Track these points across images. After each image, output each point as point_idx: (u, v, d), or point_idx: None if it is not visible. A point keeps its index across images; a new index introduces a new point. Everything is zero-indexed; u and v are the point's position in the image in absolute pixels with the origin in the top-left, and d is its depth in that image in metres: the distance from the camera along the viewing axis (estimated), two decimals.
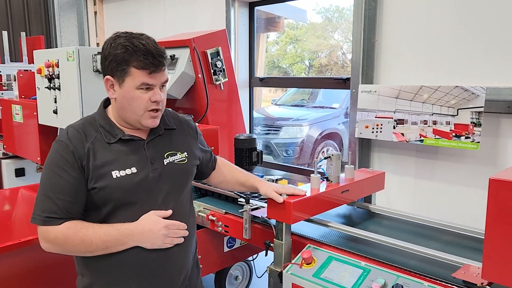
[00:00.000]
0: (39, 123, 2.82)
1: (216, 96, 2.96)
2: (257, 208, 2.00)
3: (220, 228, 2.15)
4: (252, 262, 2.93)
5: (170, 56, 2.81)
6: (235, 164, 2.27)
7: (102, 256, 1.37)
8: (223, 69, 2.95)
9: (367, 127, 2.95)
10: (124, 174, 1.37)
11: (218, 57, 2.91)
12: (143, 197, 1.40)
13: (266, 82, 3.83)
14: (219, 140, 2.59)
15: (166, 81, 1.40)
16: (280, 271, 1.67)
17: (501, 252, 1.14)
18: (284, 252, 1.71)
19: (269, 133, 5.95)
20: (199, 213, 2.24)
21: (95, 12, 5.24)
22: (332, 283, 1.54)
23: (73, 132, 1.37)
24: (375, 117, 2.91)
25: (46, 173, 1.36)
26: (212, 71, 2.87)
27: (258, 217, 1.96)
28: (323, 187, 1.82)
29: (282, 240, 1.71)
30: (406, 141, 2.77)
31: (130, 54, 1.30)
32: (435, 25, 2.66)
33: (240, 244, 2.55)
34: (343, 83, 3.26)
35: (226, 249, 2.48)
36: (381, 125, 2.88)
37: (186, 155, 1.53)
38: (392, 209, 2.05)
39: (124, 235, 1.34)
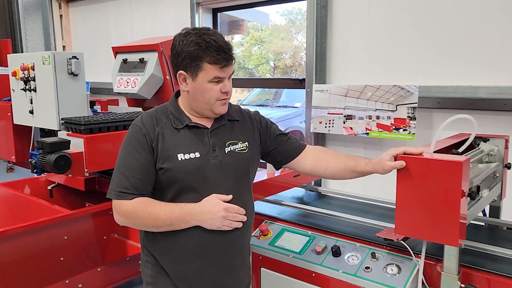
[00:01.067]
0: (14, 123, 3.00)
1: None
2: None
3: None
4: None
5: (140, 59, 3.07)
6: None
7: (166, 235, 1.48)
8: None
9: (320, 122, 3.32)
10: (188, 157, 1.48)
11: None
12: (205, 181, 1.49)
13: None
14: None
15: (233, 72, 1.52)
16: None
17: (408, 212, 1.50)
18: None
19: None
20: None
21: (61, 15, 5.38)
22: (284, 249, 1.89)
23: (147, 117, 1.53)
24: (328, 113, 3.29)
25: (121, 153, 1.51)
26: None
27: None
28: (278, 172, 2.16)
29: None
30: (355, 134, 3.17)
31: (203, 51, 1.42)
32: (376, 33, 3.08)
33: None
34: (299, 83, 3.62)
35: None
36: (333, 120, 3.26)
37: (247, 145, 1.60)
38: (336, 190, 2.42)
39: (187, 214, 1.44)
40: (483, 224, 2.02)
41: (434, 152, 1.56)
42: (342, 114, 3.22)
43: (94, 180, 2.86)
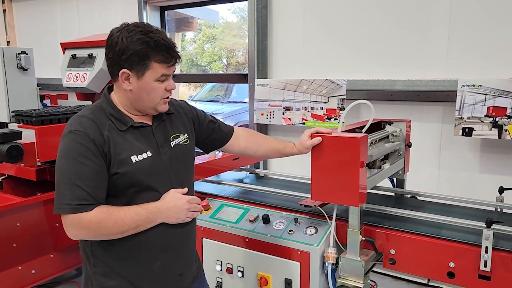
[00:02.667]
0: None
1: None
2: None
3: None
4: None
5: (88, 54, 3.26)
6: None
7: (125, 238, 1.45)
8: None
9: (262, 114, 3.67)
10: (142, 158, 1.47)
11: None
12: (161, 179, 1.52)
13: (178, 78, 4.39)
14: None
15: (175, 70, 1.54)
16: None
17: (321, 181, 1.84)
18: None
19: None
20: None
21: (4, 10, 5.39)
22: (222, 220, 2.21)
23: (87, 121, 1.45)
24: (268, 105, 3.64)
25: (67, 162, 1.40)
26: None
27: None
28: (218, 155, 2.47)
29: None
30: (293, 124, 3.54)
31: (152, 49, 1.41)
32: (310, 32, 3.48)
33: None
34: (243, 78, 3.94)
35: None
36: (273, 112, 3.62)
37: (187, 136, 1.65)
38: (271, 171, 2.76)
39: (152, 213, 1.45)
40: (392, 194, 2.44)
41: (343, 131, 1.93)
42: (281, 106, 3.59)
43: (45, 170, 3.02)
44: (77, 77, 3.27)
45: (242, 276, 2.13)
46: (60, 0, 5.02)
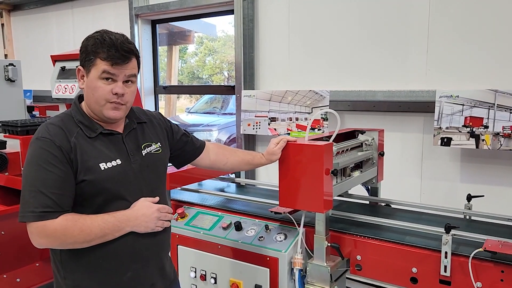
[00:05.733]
0: None
1: None
2: None
3: None
4: None
5: (77, 66, 3.37)
6: None
7: (93, 248, 1.44)
8: None
9: (249, 125, 3.75)
10: (111, 165, 1.47)
11: None
12: (130, 187, 1.52)
13: (169, 89, 4.51)
14: None
15: (133, 75, 1.50)
16: None
17: (288, 187, 1.91)
18: None
19: None
20: None
21: (2, 24, 5.56)
22: (197, 227, 2.28)
23: (54, 128, 1.46)
24: (255, 116, 3.72)
25: (33, 169, 1.40)
26: None
27: None
28: None
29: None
30: (278, 134, 3.61)
31: (97, 46, 1.43)
32: (294, 45, 3.58)
33: None
34: (231, 89, 4.04)
35: None
36: (259, 122, 3.70)
37: (160, 146, 1.67)
38: (253, 181, 2.83)
39: (120, 221, 1.45)
40: (367, 202, 2.49)
41: (310, 140, 2.00)
42: (267, 116, 3.67)
43: None
44: (65, 88, 3.38)
45: (215, 282, 2.19)
46: (56, 14, 5.18)
